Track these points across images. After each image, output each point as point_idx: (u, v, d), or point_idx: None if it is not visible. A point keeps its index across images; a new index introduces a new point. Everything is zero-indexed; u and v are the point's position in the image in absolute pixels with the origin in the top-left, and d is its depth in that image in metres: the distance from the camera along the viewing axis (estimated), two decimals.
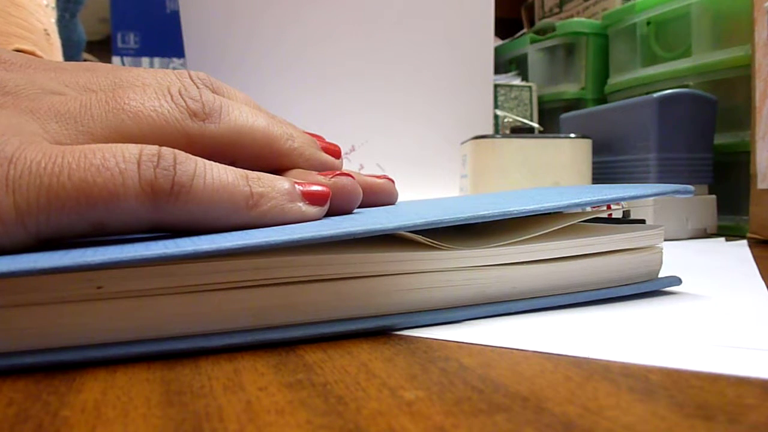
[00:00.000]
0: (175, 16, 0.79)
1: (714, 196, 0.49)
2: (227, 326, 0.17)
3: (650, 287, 0.23)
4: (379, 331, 0.18)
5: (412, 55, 0.64)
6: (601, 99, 0.68)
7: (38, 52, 0.44)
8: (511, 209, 0.20)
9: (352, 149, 0.62)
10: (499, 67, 0.77)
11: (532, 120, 0.70)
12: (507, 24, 0.84)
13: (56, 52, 0.49)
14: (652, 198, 0.46)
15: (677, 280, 0.24)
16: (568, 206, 0.21)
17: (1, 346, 0.15)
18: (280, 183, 0.20)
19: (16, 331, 0.15)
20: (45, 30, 0.46)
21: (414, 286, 0.19)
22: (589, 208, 0.24)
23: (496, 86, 0.69)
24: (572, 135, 0.48)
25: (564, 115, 0.58)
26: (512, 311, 0.20)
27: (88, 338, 0.16)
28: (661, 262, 0.24)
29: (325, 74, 0.62)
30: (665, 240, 0.24)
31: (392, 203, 0.27)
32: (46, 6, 0.48)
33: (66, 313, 0.16)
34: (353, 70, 0.63)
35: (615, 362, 0.15)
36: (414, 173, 0.62)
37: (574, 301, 0.21)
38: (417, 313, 0.19)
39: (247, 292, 0.17)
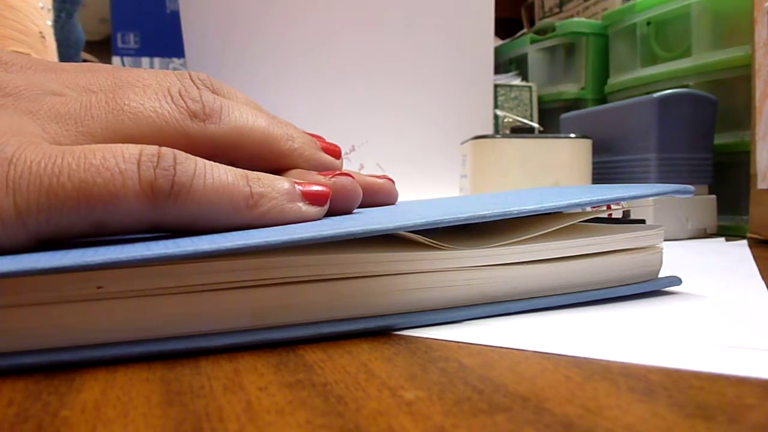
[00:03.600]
0: (175, 16, 0.79)
1: (714, 196, 0.49)
2: (227, 326, 0.17)
3: (650, 287, 0.23)
4: (379, 331, 0.18)
5: (413, 55, 0.64)
6: (601, 99, 0.68)
7: (33, 56, 0.44)
8: (511, 209, 0.20)
9: (352, 149, 0.62)
10: (499, 67, 0.77)
11: (532, 120, 0.70)
12: (507, 24, 0.84)
13: (51, 55, 0.49)
14: (652, 198, 0.46)
15: (677, 280, 0.24)
16: (568, 206, 0.21)
17: (1, 346, 0.15)
18: (280, 183, 0.20)
19: (16, 331, 0.15)
20: (40, 32, 0.46)
21: (414, 286, 0.19)
22: (589, 208, 0.24)
23: (496, 86, 0.69)
24: (572, 135, 0.48)
25: (564, 115, 0.58)
26: (512, 311, 0.20)
27: (88, 338, 0.16)
28: (661, 262, 0.24)
29: (325, 74, 0.62)
30: (665, 240, 0.24)
31: (392, 203, 0.27)
32: (42, 8, 0.47)
33: (66, 313, 0.16)
34: (353, 70, 0.63)
35: (615, 362, 0.15)
36: (414, 173, 0.62)
37: (574, 301, 0.21)
38: (417, 313, 0.19)
39: (247, 292, 0.17)
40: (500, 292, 0.21)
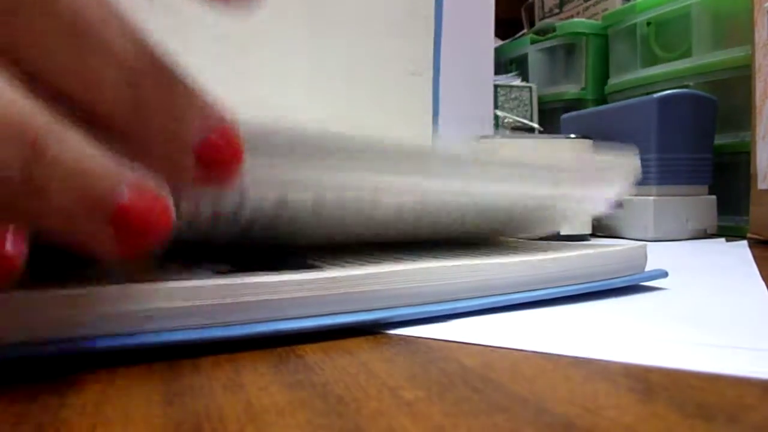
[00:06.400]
0: None
1: (714, 197, 0.49)
2: (222, 320, 0.17)
3: (637, 280, 0.24)
4: (379, 331, 0.18)
5: None
6: (601, 99, 0.68)
7: None
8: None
9: None
10: (499, 68, 0.77)
11: (532, 120, 0.70)
12: (507, 24, 0.84)
13: None
14: (652, 197, 0.46)
15: (663, 273, 0.24)
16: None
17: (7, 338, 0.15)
18: None
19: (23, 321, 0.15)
20: None
21: (406, 278, 0.19)
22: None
23: (496, 87, 0.69)
24: (572, 135, 0.48)
25: (564, 116, 0.58)
26: (502, 304, 0.21)
27: (89, 331, 0.16)
28: (645, 256, 0.25)
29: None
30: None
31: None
32: None
33: (70, 303, 0.15)
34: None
35: (615, 362, 0.15)
36: None
37: (564, 294, 0.22)
38: (407, 307, 0.19)
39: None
40: (490, 285, 0.21)
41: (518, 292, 0.21)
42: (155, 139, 0.13)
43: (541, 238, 0.32)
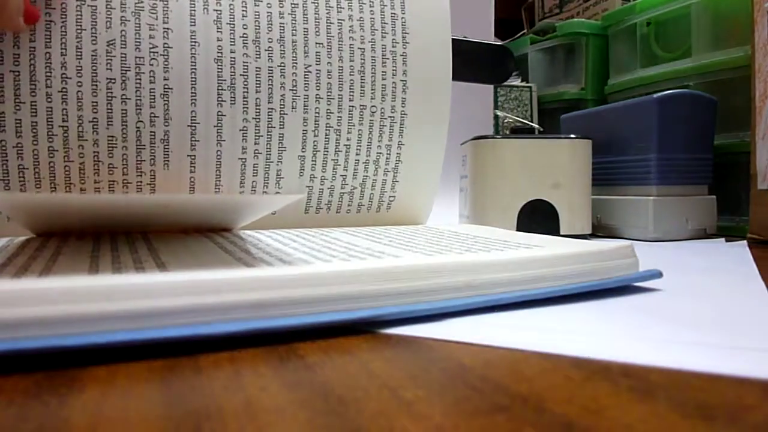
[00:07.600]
0: None
1: (714, 197, 0.49)
2: (221, 317, 0.17)
3: (629, 280, 0.24)
4: (379, 331, 0.18)
5: None
6: (601, 99, 0.68)
7: None
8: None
9: None
10: None
11: (532, 120, 0.70)
12: (507, 24, 0.84)
13: None
14: (652, 197, 0.46)
15: (657, 273, 0.24)
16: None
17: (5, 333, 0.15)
18: None
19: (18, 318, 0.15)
20: None
21: (398, 276, 0.19)
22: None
23: (496, 87, 0.69)
24: (572, 135, 0.48)
25: (564, 116, 0.58)
26: (495, 303, 0.21)
27: (88, 328, 0.16)
28: (634, 255, 0.25)
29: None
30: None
31: None
32: None
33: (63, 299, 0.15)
34: None
35: (615, 362, 0.15)
36: None
37: (554, 294, 0.22)
38: (401, 305, 0.19)
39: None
40: (482, 282, 0.21)
41: (508, 291, 0.21)
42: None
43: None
